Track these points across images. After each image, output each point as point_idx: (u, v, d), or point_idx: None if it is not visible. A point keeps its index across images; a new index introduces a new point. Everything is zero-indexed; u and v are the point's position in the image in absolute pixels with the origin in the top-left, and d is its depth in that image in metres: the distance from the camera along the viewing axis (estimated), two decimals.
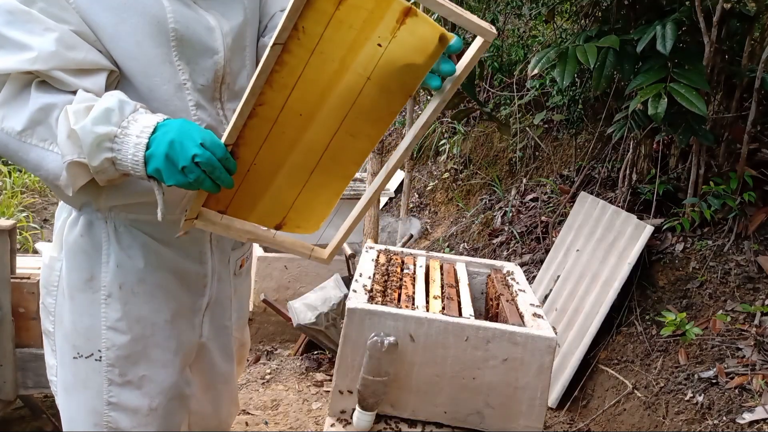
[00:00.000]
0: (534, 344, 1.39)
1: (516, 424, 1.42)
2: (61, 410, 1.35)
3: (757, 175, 2.75)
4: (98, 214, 1.23)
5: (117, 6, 1.10)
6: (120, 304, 1.25)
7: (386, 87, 1.07)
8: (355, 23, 0.99)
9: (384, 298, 1.55)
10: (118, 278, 1.25)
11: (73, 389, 1.30)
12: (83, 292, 1.25)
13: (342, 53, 1.02)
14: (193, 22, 1.18)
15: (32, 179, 6.11)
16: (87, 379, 1.28)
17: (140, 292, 1.27)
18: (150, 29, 1.13)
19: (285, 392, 2.97)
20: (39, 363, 2.18)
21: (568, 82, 2.58)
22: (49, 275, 1.30)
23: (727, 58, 2.84)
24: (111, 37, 1.11)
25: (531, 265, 3.62)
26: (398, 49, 1.03)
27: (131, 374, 1.28)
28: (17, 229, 2.27)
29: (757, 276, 2.56)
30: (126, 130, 1.02)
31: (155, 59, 1.15)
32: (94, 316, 1.25)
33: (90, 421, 1.29)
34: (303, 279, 3.63)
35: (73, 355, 1.27)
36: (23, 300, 2.15)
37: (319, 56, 1.01)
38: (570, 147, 4.17)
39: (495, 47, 4.83)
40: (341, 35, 0.99)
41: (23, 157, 1.07)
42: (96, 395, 1.27)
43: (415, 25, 1.02)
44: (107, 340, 1.26)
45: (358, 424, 1.38)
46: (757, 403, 2.09)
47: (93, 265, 1.24)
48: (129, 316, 1.27)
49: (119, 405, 1.29)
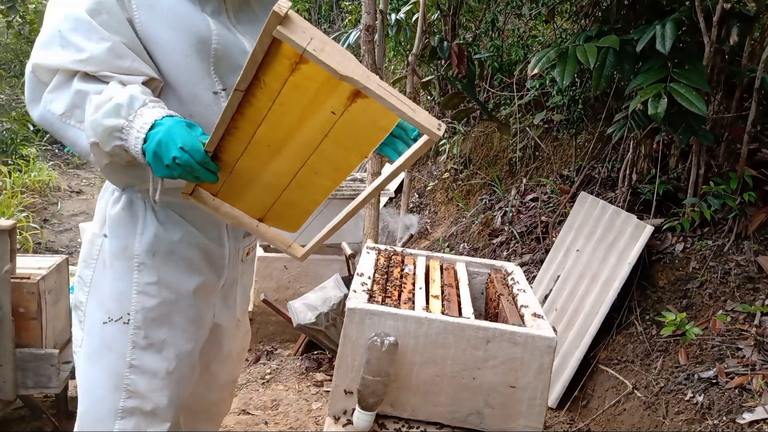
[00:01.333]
0: (534, 344, 1.39)
1: (516, 424, 1.42)
2: (80, 380, 1.48)
3: (757, 175, 2.75)
4: (138, 194, 1.43)
5: (174, 25, 1.32)
6: (152, 270, 1.43)
7: (341, 144, 1.21)
8: (308, 90, 1.11)
9: (384, 298, 1.55)
10: (152, 247, 1.43)
11: (97, 354, 1.44)
12: (119, 260, 1.43)
13: (300, 111, 1.14)
14: (231, 44, 1.39)
15: (32, 179, 6.11)
16: (113, 343, 1.43)
17: (170, 261, 1.45)
18: (198, 46, 1.34)
19: (285, 392, 2.97)
20: (39, 363, 2.19)
21: (568, 82, 2.58)
22: (90, 249, 1.47)
23: (727, 58, 2.84)
24: (164, 49, 1.32)
25: (531, 265, 3.62)
26: (351, 120, 1.15)
27: (154, 337, 1.44)
28: (17, 229, 2.27)
29: (757, 276, 2.56)
30: (131, 124, 1.18)
31: (200, 71, 1.36)
32: (126, 281, 1.43)
33: (110, 384, 1.43)
34: (303, 279, 3.63)
35: (103, 320, 1.44)
36: (23, 300, 2.15)
37: (280, 107, 1.14)
38: (570, 147, 4.17)
39: (495, 47, 4.83)
40: (297, 96, 1.12)
41: (63, 135, 1.28)
42: (119, 358, 1.43)
43: (367, 105, 1.12)
44: (137, 303, 1.43)
45: (358, 424, 1.38)
46: (757, 403, 2.09)
47: (128, 235, 1.42)
48: (158, 281, 1.44)
49: (140, 368, 1.44)
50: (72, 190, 6.72)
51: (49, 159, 7.34)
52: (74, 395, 2.76)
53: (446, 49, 3.65)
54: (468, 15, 5.43)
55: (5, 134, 6.62)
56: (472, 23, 5.45)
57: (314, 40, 1.02)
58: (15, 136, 6.68)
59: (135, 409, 1.44)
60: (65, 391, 2.54)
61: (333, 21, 8.34)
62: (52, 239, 5.30)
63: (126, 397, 1.44)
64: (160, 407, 1.47)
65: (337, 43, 1.08)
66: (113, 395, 1.44)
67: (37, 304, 2.17)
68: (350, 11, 6.72)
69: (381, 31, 3.26)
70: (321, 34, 1.03)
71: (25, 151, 6.55)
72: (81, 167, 7.74)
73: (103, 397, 1.44)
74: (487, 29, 4.90)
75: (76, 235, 5.54)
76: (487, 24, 4.89)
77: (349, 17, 6.59)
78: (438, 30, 5.14)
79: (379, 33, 3.23)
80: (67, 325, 2.46)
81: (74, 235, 5.56)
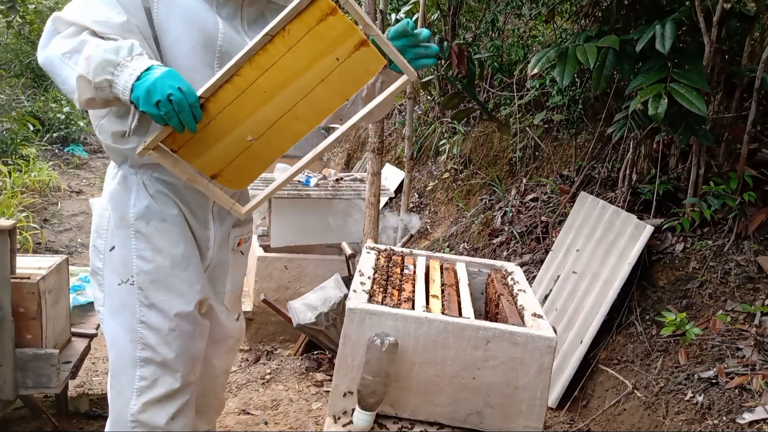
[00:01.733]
0: (534, 344, 1.39)
1: (516, 424, 1.42)
2: (106, 333, 1.69)
3: (757, 175, 2.75)
4: (131, 169, 1.60)
5: (186, 20, 1.50)
6: (146, 237, 1.60)
7: (332, 89, 1.40)
8: (326, 38, 1.34)
9: (384, 298, 1.55)
10: (146, 216, 1.59)
11: (116, 312, 1.64)
12: (120, 229, 1.61)
13: (310, 57, 1.35)
14: (236, 44, 1.53)
15: (32, 179, 6.11)
16: (126, 301, 1.62)
17: (162, 230, 1.61)
18: (204, 41, 1.52)
19: (285, 392, 2.97)
20: (39, 363, 2.18)
21: (568, 82, 2.58)
22: (100, 221, 1.66)
23: (727, 58, 2.83)
24: (174, 40, 1.49)
25: (531, 265, 3.62)
26: (350, 66, 1.37)
27: (154, 298, 1.61)
28: (17, 229, 2.27)
29: (757, 276, 2.56)
30: (127, 63, 1.30)
31: (201, 63, 1.53)
32: (127, 247, 1.60)
33: (128, 338, 1.63)
34: (303, 279, 3.63)
35: (117, 282, 1.62)
36: (23, 300, 2.15)
37: (293, 54, 1.34)
38: (570, 147, 4.17)
39: (495, 47, 4.82)
40: (314, 44, 1.34)
41: (59, 73, 1.40)
42: (132, 315, 1.61)
43: (366, 54, 1.37)
44: (137, 266, 1.60)
45: (358, 424, 1.38)
46: (757, 403, 2.09)
47: (124, 206, 1.60)
48: (153, 247, 1.60)
49: (147, 324, 1.62)
50: (72, 190, 6.72)
51: (49, 159, 7.34)
52: (74, 395, 2.77)
53: (446, 49, 3.65)
54: (468, 15, 5.43)
55: (5, 134, 6.62)
56: (472, 23, 5.45)
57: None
58: (15, 136, 6.68)
59: (149, 359, 1.63)
60: (65, 391, 2.54)
61: None
62: (52, 239, 5.30)
63: (141, 348, 1.63)
64: (169, 359, 1.64)
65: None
66: (131, 346, 1.63)
67: (37, 304, 2.17)
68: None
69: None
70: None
71: (25, 151, 6.55)
72: (81, 167, 7.74)
73: (124, 349, 1.64)
74: (487, 29, 4.90)
75: (76, 235, 5.54)
76: (487, 24, 4.89)
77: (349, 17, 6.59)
78: (438, 30, 5.14)
79: None
80: (67, 325, 2.46)
81: (74, 235, 5.56)
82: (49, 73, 1.44)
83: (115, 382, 1.69)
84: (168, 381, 1.65)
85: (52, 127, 8.15)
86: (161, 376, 1.65)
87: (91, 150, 8.49)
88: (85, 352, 2.52)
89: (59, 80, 1.41)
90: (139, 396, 1.65)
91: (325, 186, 3.87)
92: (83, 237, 5.53)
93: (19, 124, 6.85)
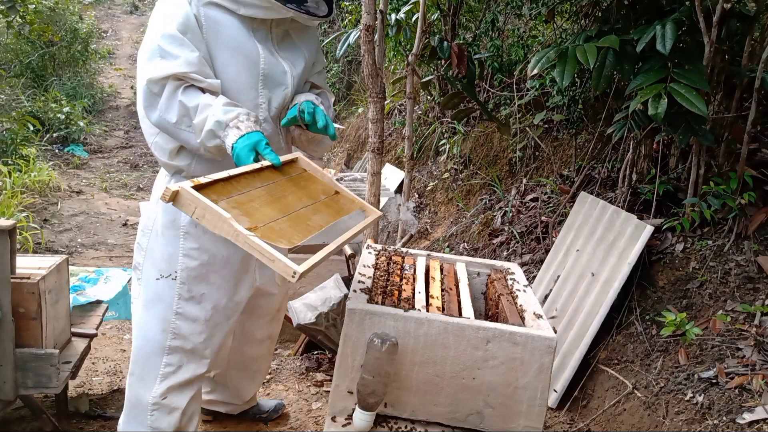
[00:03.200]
0: (534, 344, 1.39)
1: (516, 424, 1.42)
2: (136, 324, 1.91)
3: (757, 175, 2.75)
4: (183, 178, 1.79)
5: (231, 48, 1.75)
6: (194, 238, 1.83)
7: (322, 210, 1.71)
8: (320, 192, 1.80)
9: (384, 298, 1.55)
10: (195, 220, 1.77)
11: (151, 304, 1.86)
12: (169, 230, 1.84)
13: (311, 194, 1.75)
14: (275, 66, 1.83)
15: (32, 179, 6.11)
16: (163, 295, 1.84)
17: (208, 232, 1.70)
18: (248, 66, 1.77)
19: (285, 392, 2.97)
20: (39, 363, 2.18)
21: (568, 82, 2.58)
22: (146, 221, 1.90)
23: (727, 58, 2.83)
24: (222, 66, 1.75)
25: (531, 265, 3.62)
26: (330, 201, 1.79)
27: (195, 291, 1.85)
28: (17, 229, 2.27)
29: (757, 276, 2.56)
30: (228, 131, 1.64)
31: (246, 85, 1.79)
32: (175, 246, 1.84)
33: (160, 327, 1.85)
34: (303, 279, 3.62)
35: (156, 276, 1.85)
36: (23, 300, 2.15)
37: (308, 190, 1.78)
38: (570, 147, 4.17)
39: (495, 47, 4.82)
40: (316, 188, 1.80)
41: (177, 137, 1.72)
42: (167, 307, 1.84)
43: (340, 198, 1.82)
44: (182, 263, 1.83)
45: (358, 424, 1.38)
46: (757, 403, 2.09)
47: (175, 211, 1.74)
48: (200, 247, 1.84)
49: (183, 315, 1.85)
50: (72, 190, 6.72)
51: (49, 159, 7.33)
52: (74, 395, 2.77)
53: (446, 49, 3.65)
54: (468, 15, 5.42)
55: (5, 134, 6.62)
56: (472, 23, 5.44)
57: (197, 209, 1.34)
58: (15, 136, 6.67)
59: (178, 347, 1.86)
60: (65, 391, 2.54)
61: (333, 21, 8.34)
62: (52, 239, 5.30)
63: (172, 338, 1.85)
64: (199, 347, 1.88)
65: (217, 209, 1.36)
66: (162, 336, 1.85)
67: (37, 304, 2.17)
68: (350, 11, 6.72)
69: (381, 31, 3.26)
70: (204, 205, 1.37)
71: (25, 151, 6.55)
72: (81, 167, 7.74)
73: (154, 338, 1.85)
74: (487, 29, 4.90)
75: (76, 235, 5.54)
76: (487, 24, 4.88)
77: (349, 17, 6.59)
78: (438, 30, 5.14)
79: (379, 33, 3.22)
80: (67, 325, 2.46)
81: (74, 235, 5.56)
82: (166, 133, 1.75)
83: (138, 369, 1.88)
84: (192, 367, 1.89)
85: (52, 127, 8.15)
86: (186, 363, 1.88)
87: (91, 150, 8.49)
88: (85, 352, 2.52)
89: (181, 142, 1.73)
90: (162, 381, 1.86)
91: None
92: (83, 237, 5.53)
93: (19, 124, 6.85)
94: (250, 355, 2.29)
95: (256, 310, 2.16)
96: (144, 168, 8.12)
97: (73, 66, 10.29)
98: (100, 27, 13.50)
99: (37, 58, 9.45)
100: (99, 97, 10.53)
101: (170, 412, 1.89)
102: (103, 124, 9.75)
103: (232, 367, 2.33)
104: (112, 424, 2.60)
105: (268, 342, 2.32)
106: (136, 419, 1.92)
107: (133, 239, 6.13)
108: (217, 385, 2.44)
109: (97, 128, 9.32)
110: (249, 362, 2.32)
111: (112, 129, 9.79)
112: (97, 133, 9.16)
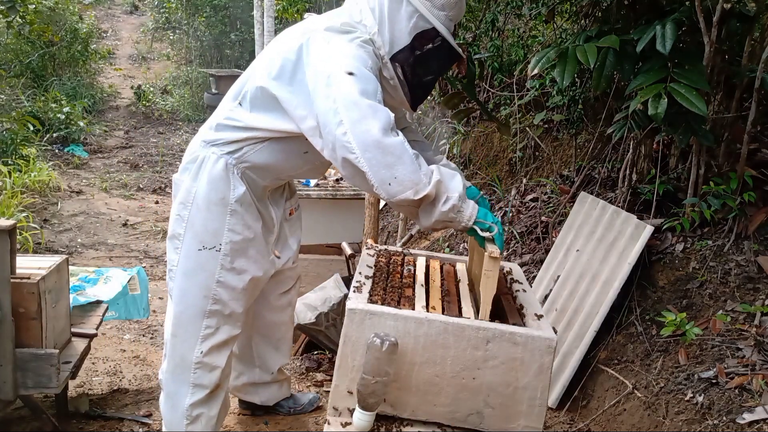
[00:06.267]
0: (534, 344, 1.39)
1: (516, 424, 1.42)
2: (176, 290, 2.06)
3: (757, 175, 2.75)
4: (233, 163, 1.99)
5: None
6: (239, 215, 2.01)
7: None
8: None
9: (384, 298, 1.55)
10: (241, 200, 2.00)
11: (192, 272, 2.03)
12: (217, 206, 1.99)
13: None
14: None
15: (32, 179, 6.11)
16: (206, 264, 2.01)
17: (250, 211, 2.05)
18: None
19: None
20: (39, 363, 2.18)
21: (568, 82, 2.58)
22: (187, 195, 2.02)
23: (727, 58, 2.83)
24: None
25: (531, 265, 3.62)
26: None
27: (236, 263, 2.03)
28: (17, 229, 2.27)
29: (757, 276, 2.56)
30: (461, 214, 1.69)
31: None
32: (221, 221, 1.99)
33: (201, 294, 2.03)
34: (303, 279, 3.62)
35: (198, 248, 2.00)
36: (23, 300, 2.15)
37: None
38: (570, 147, 4.17)
39: (495, 47, 4.82)
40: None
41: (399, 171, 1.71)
42: (209, 276, 2.02)
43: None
44: (227, 237, 2.00)
45: (358, 424, 1.38)
46: (757, 403, 2.09)
47: (226, 189, 1.98)
48: (244, 223, 2.02)
49: (224, 283, 2.03)
50: (72, 190, 6.73)
51: (49, 159, 7.33)
52: (74, 395, 2.77)
53: None
54: (468, 15, 5.41)
55: (5, 134, 6.62)
56: (472, 23, 5.44)
57: None
58: (15, 136, 6.67)
59: (217, 311, 2.05)
60: (65, 391, 2.54)
61: None
62: (52, 239, 5.31)
63: (212, 303, 2.03)
64: (236, 312, 2.09)
65: None
66: (203, 302, 2.03)
67: (37, 304, 2.17)
68: None
69: None
70: None
71: (25, 151, 6.55)
72: (81, 167, 7.75)
73: (195, 303, 2.03)
74: (487, 29, 4.89)
75: (76, 235, 5.55)
76: (487, 24, 4.88)
77: None
78: None
79: None
80: (67, 325, 2.46)
81: (74, 235, 5.56)
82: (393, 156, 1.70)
83: (181, 331, 2.06)
84: (227, 329, 2.08)
85: (52, 127, 8.15)
86: (222, 325, 2.06)
87: (91, 150, 8.49)
88: (85, 352, 2.52)
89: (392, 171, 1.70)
90: (203, 342, 2.05)
91: (325, 186, 3.87)
92: (83, 237, 5.53)
93: (19, 124, 6.85)
94: (272, 320, 2.47)
95: (278, 287, 2.40)
96: (144, 168, 8.12)
97: (73, 66, 10.30)
98: (100, 27, 13.50)
99: (37, 58, 9.45)
100: (99, 97, 10.54)
101: (211, 371, 2.08)
102: (103, 124, 9.76)
103: (256, 331, 2.48)
104: (112, 424, 2.61)
105: (288, 309, 2.52)
106: (180, 377, 2.09)
107: (133, 239, 6.13)
108: (245, 367, 2.54)
109: (97, 128, 9.33)
110: (272, 328, 2.49)
111: (112, 129, 9.79)
112: (97, 133, 9.16)
